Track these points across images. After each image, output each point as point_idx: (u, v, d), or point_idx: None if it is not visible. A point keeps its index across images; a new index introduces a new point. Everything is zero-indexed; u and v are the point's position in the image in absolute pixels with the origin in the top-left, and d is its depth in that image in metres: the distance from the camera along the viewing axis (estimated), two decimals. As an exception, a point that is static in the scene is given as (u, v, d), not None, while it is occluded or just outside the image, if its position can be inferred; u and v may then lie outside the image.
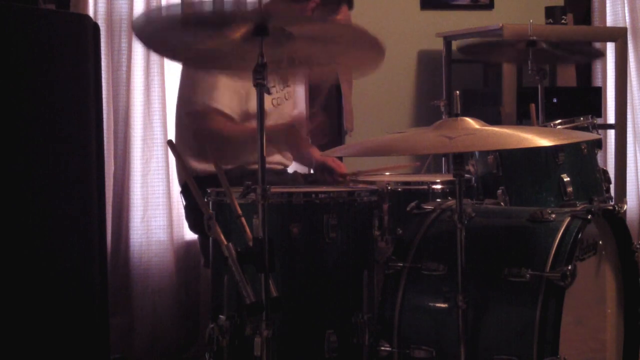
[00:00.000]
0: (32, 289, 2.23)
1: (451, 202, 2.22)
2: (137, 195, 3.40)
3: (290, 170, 3.12)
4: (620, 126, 3.95)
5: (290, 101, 3.05)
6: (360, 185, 2.57)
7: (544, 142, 1.98)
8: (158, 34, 1.92)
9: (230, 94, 2.74)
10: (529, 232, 2.04)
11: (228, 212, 2.06)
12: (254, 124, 2.79)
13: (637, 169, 4.38)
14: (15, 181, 2.20)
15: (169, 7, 2.91)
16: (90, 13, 3.30)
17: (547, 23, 3.98)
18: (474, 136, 1.89)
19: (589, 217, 2.02)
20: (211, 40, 1.94)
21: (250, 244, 1.86)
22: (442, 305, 2.02)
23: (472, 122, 1.95)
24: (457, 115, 1.96)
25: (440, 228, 2.14)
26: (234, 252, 1.83)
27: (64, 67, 2.36)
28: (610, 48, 4.13)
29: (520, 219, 2.09)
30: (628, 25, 4.28)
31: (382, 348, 2.04)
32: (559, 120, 2.94)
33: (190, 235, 3.36)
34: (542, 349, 1.86)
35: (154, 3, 3.43)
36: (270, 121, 2.86)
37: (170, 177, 3.41)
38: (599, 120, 3.22)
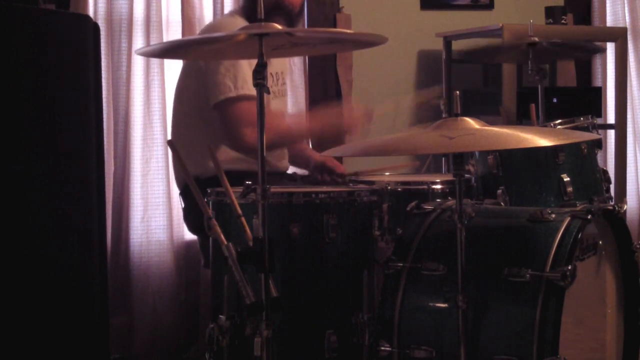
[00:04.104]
0: (32, 289, 2.23)
1: (451, 202, 2.22)
2: (137, 195, 3.40)
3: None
4: (620, 126, 3.95)
5: (285, 98, 3.06)
6: (360, 185, 2.57)
7: (544, 142, 1.98)
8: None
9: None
10: (529, 232, 2.04)
11: (228, 212, 2.06)
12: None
13: (637, 169, 4.38)
14: (15, 181, 2.20)
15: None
16: (90, 13, 3.30)
17: (547, 23, 3.97)
18: (474, 136, 1.89)
19: (589, 217, 2.02)
20: (213, 44, 1.97)
21: (250, 244, 1.86)
22: (442, 305, 2.02)
23: (472, 122, 1.95)
24: (457, 115, 1.96)
25: (440, 228, 2.14)
26: (234, 252, 1.83)
27: (64, 67, 2.36)
28: (610, 48, 4.13)
29: (520, 219, 2.09)
30: (628, 25, 4.27)
31: (382, 348, 2.04)
32: (559, 120, 2.94)
33: (190, 235, 3.36)
34: (542, 349, 1.86)
35: (153, 3, 3.42)
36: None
37: (170, 177, 3.41)
38: (599, 120, 3.22)
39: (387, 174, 2.93)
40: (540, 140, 1.94)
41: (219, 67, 2.70)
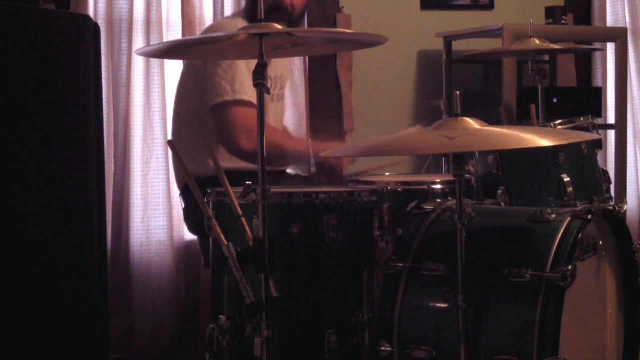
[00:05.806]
0: (32, 289, 2.23)
1: (451, 202, 2.22)
2: (137, 195, 3.40)
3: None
4: (620, 126, 3.95)
5: (282, 103, 3.07)
6: (360, 185, 2.57)
7: (544, 142, 1.97)
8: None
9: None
10: (529, 232, 2.04)
11: (228, 212, 2.06)
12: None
13: (637, 169, 4.38)
14: (15, 181, 2.20)
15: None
16: (90, 13, 3.30)
17: (547, 23, 3.98)
18: (474, 136, 1.89)
19: (589, 217, 2.02)
20: (213, 44, 1.97)
21: (250, 244, 1.86)
22: (442, 305, 2.02)
23: (472, 122, 1.95)
24: (457, 115, 1.96)
25: (440, 228, 2.14)
26: (234, 252, 1.83)
27: (64, 67, 2.36)
28: (610, 48, 4.13)
29: (520, 219, 2.09)
30: (628, 25, 4.27)
31: (382, 348, 2.04)
32: (559, 120, 2.94)
33: (190, 235, 3.36)
34: (542, 349, 1.86)
35: (153, 3, 3.42)
36: (270, 117, 2.87)
37: (170, 177, 3.41)
38: (599, 120, 3.22)
39: (387, 173, 2.92)
40: (540, 140, 1.94)
41: (217, 69, 2.70)
